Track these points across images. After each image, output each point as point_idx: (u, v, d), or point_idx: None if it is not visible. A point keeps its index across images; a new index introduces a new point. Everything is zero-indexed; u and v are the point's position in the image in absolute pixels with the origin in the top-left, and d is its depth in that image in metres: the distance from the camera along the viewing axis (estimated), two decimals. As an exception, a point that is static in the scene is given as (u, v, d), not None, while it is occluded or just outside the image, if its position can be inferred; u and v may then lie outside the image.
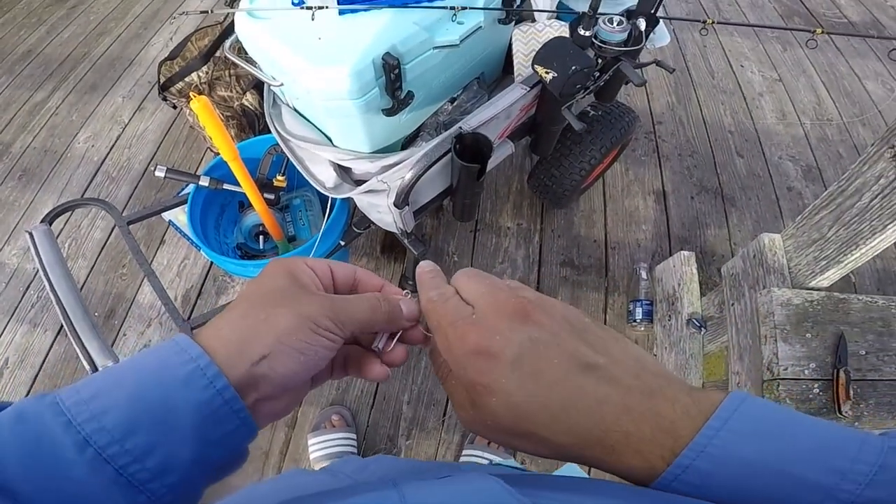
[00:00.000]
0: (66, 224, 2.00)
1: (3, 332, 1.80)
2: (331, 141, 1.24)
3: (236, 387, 0.31)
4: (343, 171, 1.26)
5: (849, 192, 1.08)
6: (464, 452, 1.51)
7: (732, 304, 1.37)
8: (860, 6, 3.01)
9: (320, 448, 1.49)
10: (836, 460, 0.28)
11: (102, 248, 1.95)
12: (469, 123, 1.14)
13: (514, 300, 0.34)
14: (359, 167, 1.21)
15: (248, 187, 1.31)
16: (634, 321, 1.73)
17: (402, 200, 1.14)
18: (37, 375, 1.71)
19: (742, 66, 2.61)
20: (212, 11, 1.25)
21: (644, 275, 1.78)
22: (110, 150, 2.25)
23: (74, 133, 2.32)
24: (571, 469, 0.83)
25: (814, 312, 1.13)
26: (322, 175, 1.26)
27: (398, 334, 0.41)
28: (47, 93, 2.51)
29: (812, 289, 1.21)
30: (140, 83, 2.51)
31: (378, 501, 0.31)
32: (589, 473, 1.14)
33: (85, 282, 1.87)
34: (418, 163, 1.11)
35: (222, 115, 1.76)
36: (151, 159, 2.21)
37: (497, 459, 1.45)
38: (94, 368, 1.04)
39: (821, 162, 2.20)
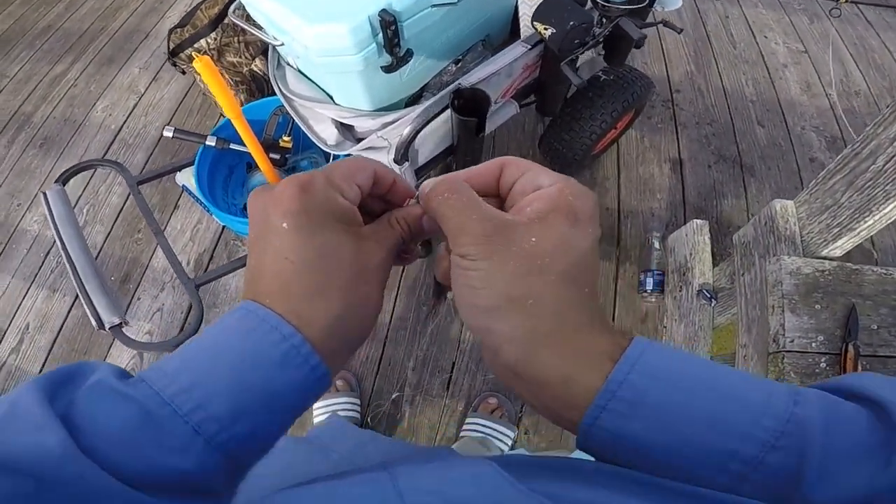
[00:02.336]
0: (84, 190, 2.05)
1: (24, 298, 1.85)
2: (332, 99, 1.24)
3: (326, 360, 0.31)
4: (345, 129, 1.26)
5: (863, 155, 1.02)
6: (467, 421, 1.52)
7: (743, 274, 1.32)
8: (893, -23, 2.88)
9: (324, 412, 1.50)
10: (762, 384, 0.28)
11: (119, 214, 1.99)
12: (468, 80, 1.13)
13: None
14: (360, 125, 1.21)
15: (251, 145, 1.31)
16: (645, 291, 1.71)
17: (401, 156, 1.14)
18: (55, 339, 1.76)
19: (766, 37, 2.53)
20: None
21: (657, 244, 1.74)
22: (127, 118, 2.29)
23: (92, 103, 2.37)
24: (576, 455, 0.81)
25: (825, 283, 1.06)
26: (324, 133, 1.26)
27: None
28: (66, 65, 2.55)
29: (824, 258, 1.14)
30: (156, 54, 2.54)
31: (369, 485, 0.31)
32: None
33: (102, 247, 1.91)
34: (417, 118, 1.11)
35: (231, 80, 1.77)
36: (166, 126, 2.22)
37: (500, 429, 1.45)
38: (101, 325, 1.07)
39: (846, 133, 2.12)
